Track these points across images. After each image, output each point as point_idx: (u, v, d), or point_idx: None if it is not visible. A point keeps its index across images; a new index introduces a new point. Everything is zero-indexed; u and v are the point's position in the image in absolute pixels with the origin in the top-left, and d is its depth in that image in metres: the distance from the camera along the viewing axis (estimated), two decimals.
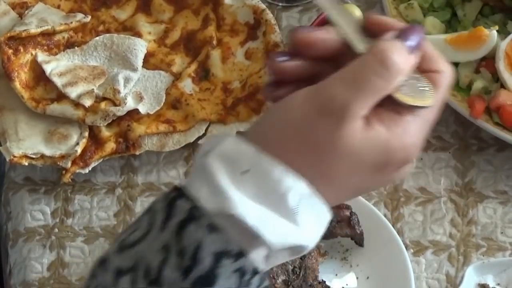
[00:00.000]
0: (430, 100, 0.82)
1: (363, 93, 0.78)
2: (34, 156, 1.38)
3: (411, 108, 0.82)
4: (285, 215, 0.78)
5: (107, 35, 1.47)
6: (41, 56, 1.43)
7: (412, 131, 0.81)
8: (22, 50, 1.42)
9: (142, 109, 1.41)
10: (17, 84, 1.40)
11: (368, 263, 1.29)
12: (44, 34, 1.44)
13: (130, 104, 1.40)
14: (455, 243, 1.34)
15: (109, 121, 1.39)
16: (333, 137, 0.78)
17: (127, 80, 1.41)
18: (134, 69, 1.42)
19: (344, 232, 1.28)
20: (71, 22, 1.46)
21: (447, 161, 1.40)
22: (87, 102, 1.38)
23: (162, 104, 1.42)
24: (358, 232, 1.28)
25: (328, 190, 0.80)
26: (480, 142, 1.41)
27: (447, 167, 1.39)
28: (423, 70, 0.84)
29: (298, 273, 1.22)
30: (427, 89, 0.83)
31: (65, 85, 1.40)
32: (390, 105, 0.81)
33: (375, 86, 0.79)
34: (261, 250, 0.79)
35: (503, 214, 1.35)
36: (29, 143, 1.39)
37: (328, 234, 1.27)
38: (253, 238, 0.78)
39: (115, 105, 1.40)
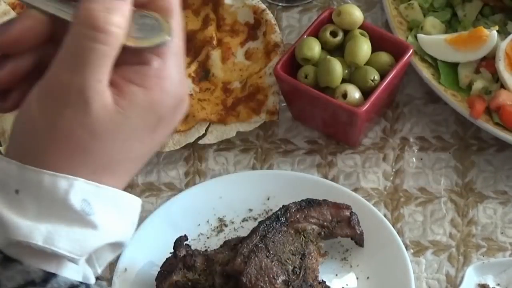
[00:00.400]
0: (167, 31, 0.75)
1: (90, 67, 0.71)
2: None
3: (155, 51, 0.74)
4: (76, 220, 0.73)
5: None
6: None
7: (168, 73, 0.75)
8: None
9: None
10: None
11: (368, 263, 1.29)
12: None
13: None
14: (455, 243, 1.33)
15: None
16: (87, 124, 0.72)
17: None
18: None
19: (344, 232, 1.28)
20: None
21: (447, 161, 1.40)
22: None
23: None
24: (358, 232, 1.28)
25: (112, 174, 0.75)
26: (480, 142, 1.41)
27: (447, 167, 1.39)
28: (145, 2, 0.76)
29: (298, 273, 1.21)
30: (159, 21, 0.75)
31: None
32: (133, 58, 0.74)
33: (100, 53, 0.71)
34: (69, 264, 0.75)
35: (503, 214, 1.35)
36: None
37: (328, 234, 1.27)
38: (53, 257, 0.73)
39: None
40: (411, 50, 1.36)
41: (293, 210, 1.26)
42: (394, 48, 1.37)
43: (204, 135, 1.42)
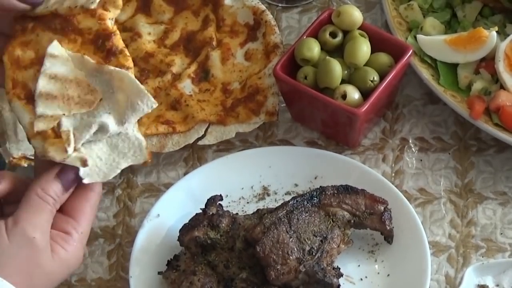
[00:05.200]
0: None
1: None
2: (33, 158, 1.37)
3: (76, 228, 1.13)
4: None
5: (129, 75, 1.17)
6: (56, 48, 1.20)
7: (79, 244, 1.13)
8: (30, 27, 1.22)
9: (83, 173, 1.15)
10: (5, 58, 1.20)
11: (393, 262, 1.29)
12: (63, 17, 1.20)
13: (72, 161, 1.14)
14: (454, 244, 1.33)
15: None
16: (35, 259, 1.09)
17: (101, 129, 1.16)
18: (121, 123, 1.16)
19: (373, 225, 1.28)
20: (76, 6, 1.30)
21: (447, 162, 1.40)
22: (40, 126, 1.15)
23: (109, 178, 1.16)
24: (388, 228, 1.28)
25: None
26: (479, 143, 1.41)
27: (446, 168, 1.39)
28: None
29: (313, 254, 1.22)
30: None
31: (42, 95, 1.16)
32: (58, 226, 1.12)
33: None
34: None
35: (502, 215, 1.35)
36: (28, 144, 1.38)
37: (358, 224, 1.27)
38: None
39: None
40: (411, 51, 1.36)
41: (328, 193, 1.27)
42: (394, 48, 1.37)
43: (203, 136, 1.42)
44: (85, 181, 1.14)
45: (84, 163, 1.14)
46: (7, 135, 1.40)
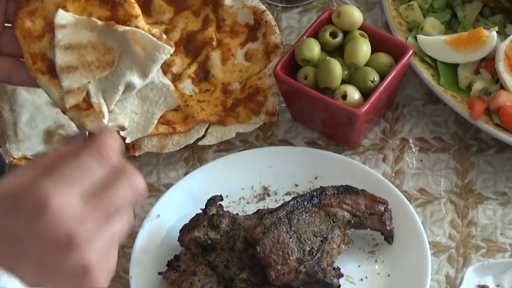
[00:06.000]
0: None
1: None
2: (33, 158, 1.37)
3: None
4: None
5: (140, 31, 1.20)
6: (63, 16, 1.19)
7: None
8: None
9: (124, 134, 1.22)
10: (17, 32, 1.20)
11: (394, 262, 1.29)
12: None
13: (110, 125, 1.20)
14: (454, 244, 1.33)
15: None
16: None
17: (128, 87, 1.20)
18: (144, 75, 1.20)
19: (374, 225, 1.28)
20: None
21: (447, 162, 1.40)
22: (71, 102, 1.18)
23: (149, 131, 1.23)
24: (388, 229, 1.28)
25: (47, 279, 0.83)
26: (479, 143, 1.41)
27: (446, 168, 1.39)
28: None
29: (314, 254, 1.22)
30: None
31: (63, 68, 1.18)
32: None
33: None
34: None
35: (503, 215, 1.35)
36: (28, 145, 1.38)
37: (358, 224, 1.28)
38: None
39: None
40: (411, 51, 1.36)
41: (329, 193, 1.27)
42: (394, 49, 1.37)
43: (203, 136, 1.42)
44: (128, 140, 1.17)
45: (122, 128, 1.17)
46: (7, 135, 1.40)
